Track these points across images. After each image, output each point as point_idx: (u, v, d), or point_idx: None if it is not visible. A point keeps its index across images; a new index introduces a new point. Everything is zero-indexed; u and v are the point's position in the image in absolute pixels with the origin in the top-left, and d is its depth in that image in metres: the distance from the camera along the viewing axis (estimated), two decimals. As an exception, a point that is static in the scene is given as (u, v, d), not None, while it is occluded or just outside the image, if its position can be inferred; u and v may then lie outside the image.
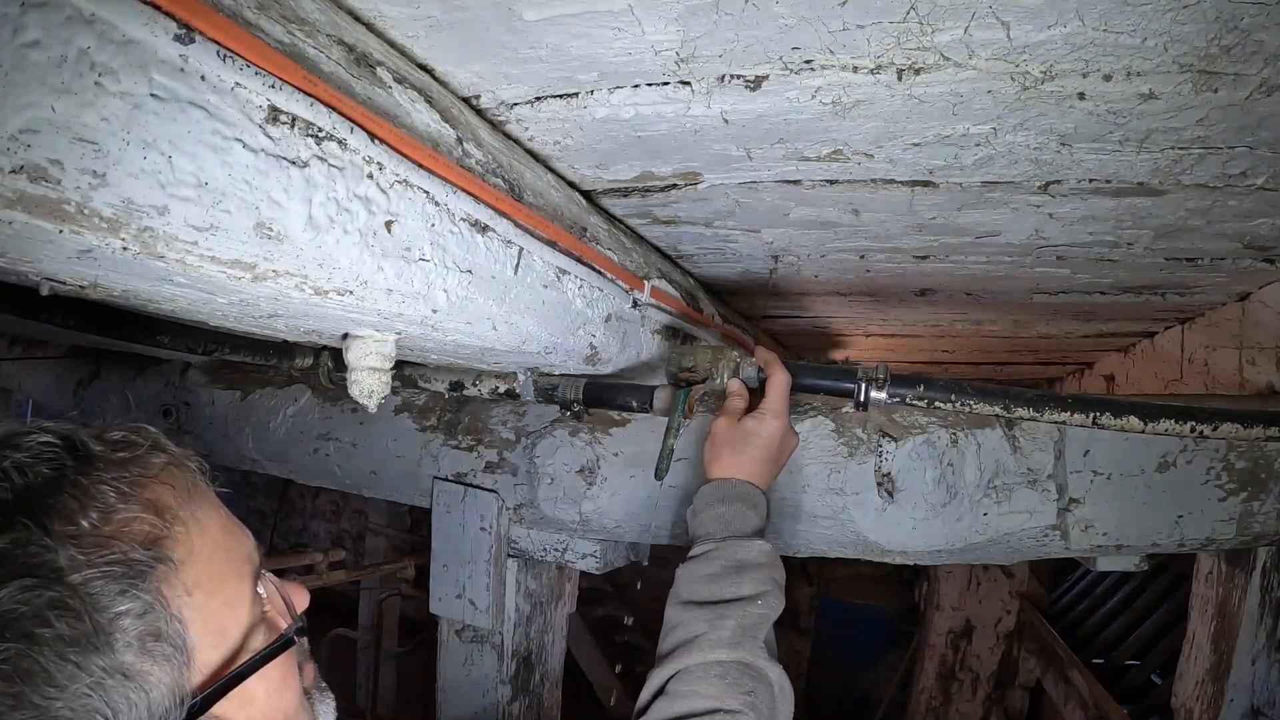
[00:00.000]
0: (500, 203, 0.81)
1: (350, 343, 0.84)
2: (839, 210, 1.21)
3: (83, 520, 0.49)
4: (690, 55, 0.74)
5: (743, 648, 0.85)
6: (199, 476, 0.60)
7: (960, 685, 4.39)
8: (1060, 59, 0.73)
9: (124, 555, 0.50)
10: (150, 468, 0.55)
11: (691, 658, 0.85)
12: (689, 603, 0.91)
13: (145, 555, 0.51)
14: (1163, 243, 1.30)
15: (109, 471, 0.53)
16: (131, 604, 0.49)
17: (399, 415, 1.59)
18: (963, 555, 1.27)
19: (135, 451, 0.56)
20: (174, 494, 0.55)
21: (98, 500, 0.51)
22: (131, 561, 0.50)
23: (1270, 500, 1.21)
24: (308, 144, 0.58)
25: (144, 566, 0.50)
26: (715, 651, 0.85)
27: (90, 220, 0.47)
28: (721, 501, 0.98)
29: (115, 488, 0.52)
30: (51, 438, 0.52)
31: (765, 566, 0.93)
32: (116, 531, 0.50)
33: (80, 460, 0.52)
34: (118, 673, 0.48)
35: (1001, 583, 4.28)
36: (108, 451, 0.54)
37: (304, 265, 0.63)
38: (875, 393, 1.10)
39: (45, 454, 0.51)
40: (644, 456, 1.11)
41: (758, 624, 0.88)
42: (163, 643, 0.50)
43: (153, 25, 0.46)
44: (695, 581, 0.92)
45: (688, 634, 0.88)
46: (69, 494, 0.50)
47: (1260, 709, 1.43)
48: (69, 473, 0.51)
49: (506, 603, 1.50)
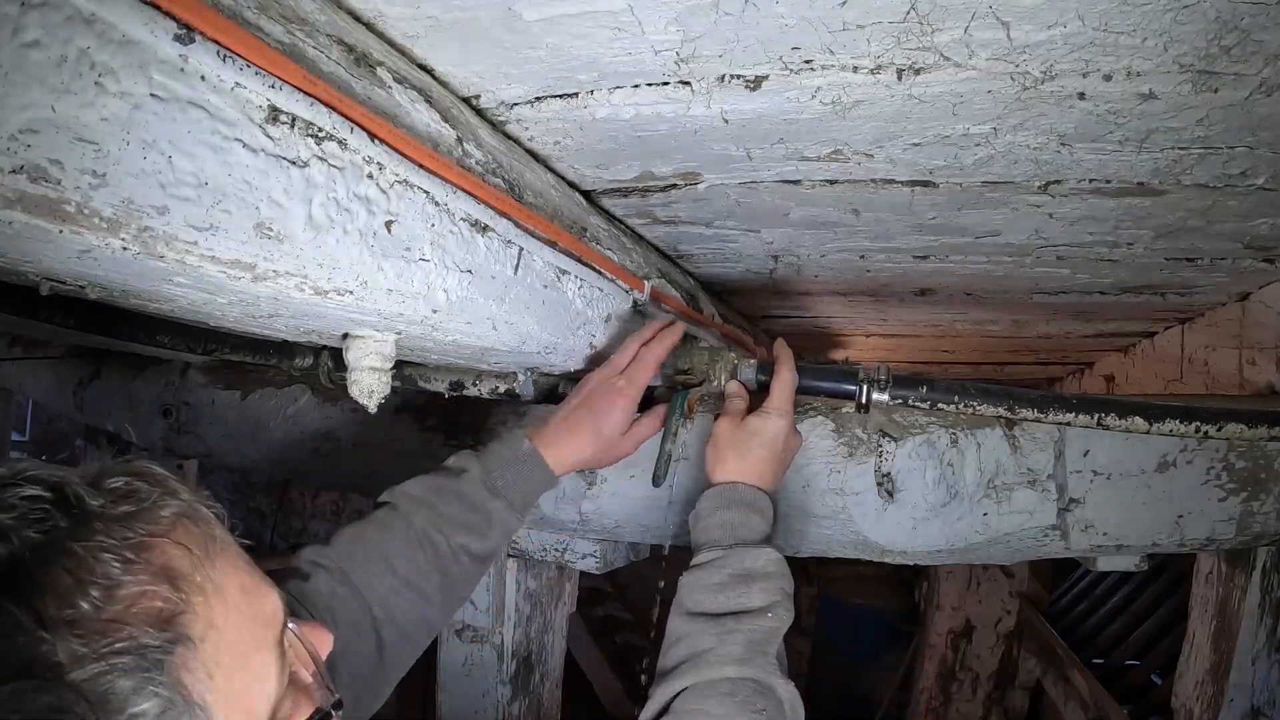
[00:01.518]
0: (500, 203, 0.81)
1: (350, 343, 0.84)
2: (839, 210, 1.21)
3: (82, 601, 0.41)
4: (690, 55, 0.74)
5: (753, 664, 0.81)
6: (216, 524, 0.51)
7: (960, 685, 4.39)
8: (1060, 59, 0.73)
9: (134, 642, 0.41)
10: (159, 523, 0.47)
11: (699, 674, 0.81)
12: (695, 614, 0.87)
13: (159, 638, 0.43)
14: (1163, 243, 1.30)
15: (111, 533, 0.44)
16: (148, 702, 0.41)
17: (399, 415, 1.59)
18: (963, 555, 1.27)
19: (141, 503, 0.47)
20: (189, 556, 0.47)
21: (98, 573, 0.42)
22: (144, 649, 0.42)
23: (1270, 500, 1.21)
24: (308, 144, 0.58)
25: (159, 653, 0.42)
26: (724, 668, 0.81)
27: (90, 220, 0.47)
28: (727, 507, 0.94)
29: (119, 555, 0.43)
30: (39, 489, 0.43)
31: (774, 576, 0.89)
32: (124, 612, 0.42)
33: (75, 520, 0.43)
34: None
35: (1001, 583, 4.28)
36: (108, 505, 0.45)
37: (304, 265, 0.63)
38: (877, 394, 1.08)
39: (32, 513, 0.42)
40: (644, 457, 1.11)
41: (768, 638, 0.84)
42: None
43: (153, 25, 0.46)
44: (701, 592, 0.88)
45: (694, 648, 0.84)
46: (63, 567, 0.41)
47: (1260, 709, 1.43)
48: (62, 537, 0.42)
49: (506, 603, 1.50)
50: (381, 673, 0.85)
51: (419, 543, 0.91)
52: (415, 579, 0.89)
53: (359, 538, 0.89)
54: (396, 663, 0.87)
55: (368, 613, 0.84)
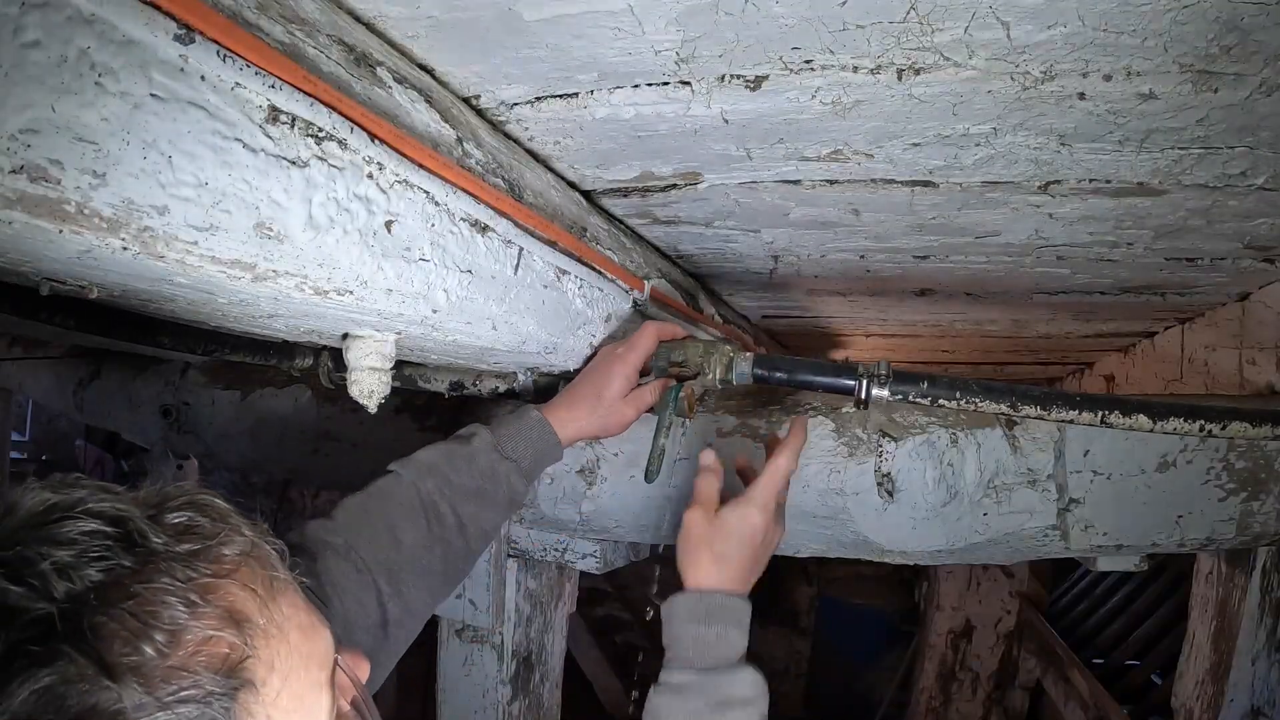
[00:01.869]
0: (500, 203, 0.81)
1: (350, 343, 0.84)
2: (839, 210, 1.21)
3: (146, 646, 0.39)
4: (690, 55, 0.75)
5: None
6: (278, 562, 0.50)
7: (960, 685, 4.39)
8: (1060, 59, 0.73)
9: (200, 690, 0.40)
10: (224, 562, 0.45)
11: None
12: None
13: (224, 685, 0.42)
14: (1163, 243, 1.30)
15: (175, 573, 0.43)
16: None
17: (399, 415, 1.59)
18: (963, 555, 1.27)
19: (205, 541, 0.46)
20: (254, 598, 0.45)
21: (164, 617, 0.41)
22: (210, 696, 0.41)
23: (1270, 500, 1.21)
24: (308, 144, 0.58)
25: (225, 700, 0.41)
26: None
27: (90, 220, 0.47)
28: (702, 621, 0.85)
29: (184, 597, 0.42)
30: (100, 524, 0.42)
31: (754, 701, 0.83)
32: (188, 658, 0.41)
33: (138, 558, 0.42)
34: None
35: (1001, 583, 4.28)
36: (171, 543, 0.44)
37: (304, 265, 0.63)
38: (877, 390, 1.04)
39: (93, 550, 0.41)
40: (644, 456, 1.11)
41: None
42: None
43: (153, 25, 0.46)
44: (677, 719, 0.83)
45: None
46: (127, 610, 0.40)
47: (1260, 709, 1.43)
48: (125, 578, 0.41)
49: (506, 603, 1.50)
50: (386, 645, 0.85)
51: (424, 515, 0.91)
52: (419, 553, 0.89)
53: (364, 510, 0.89)
54: (400, 636, 0.87)
55: (373, 587, 0.84)
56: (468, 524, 0.94)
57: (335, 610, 0.80)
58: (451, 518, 0.93)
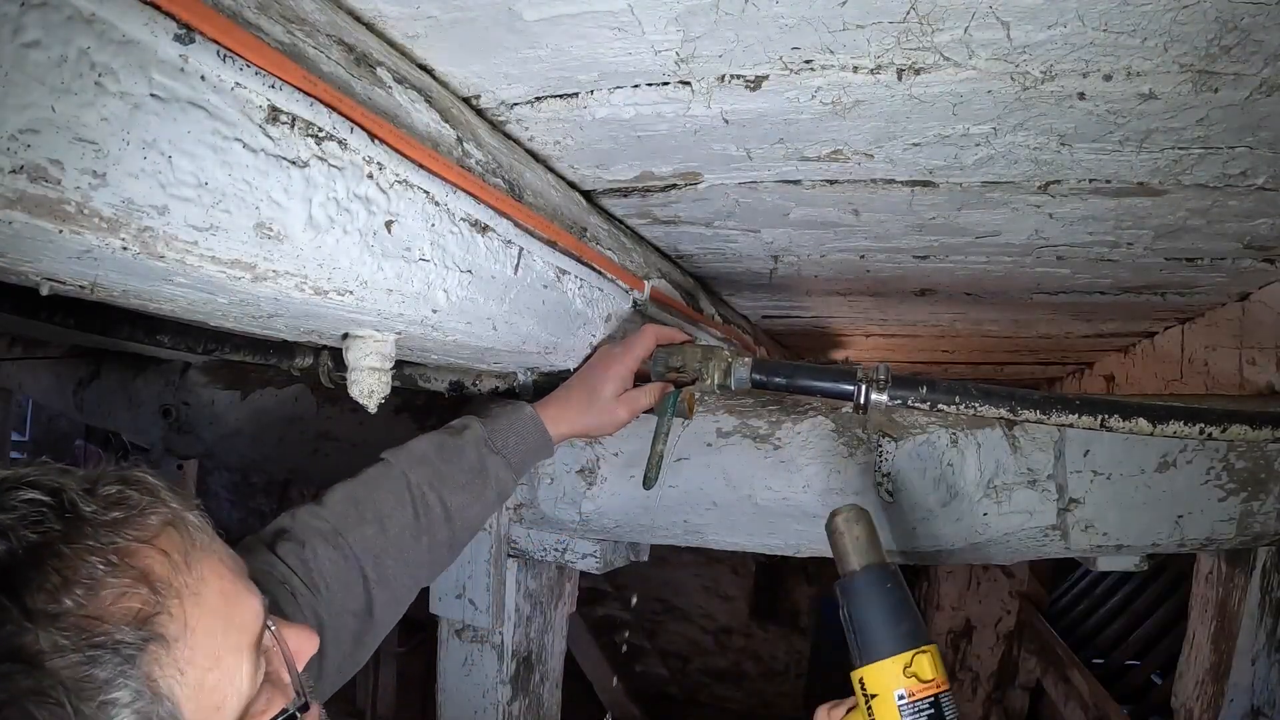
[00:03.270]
0: (500, 203, 0.81)
1: (350, 343, 0.84)
2: (839, 210, 1.21)
3: (66, 598, 0.45)
4: (690, 55, 0.75)
5: None
6: (201, 533, 0.55)
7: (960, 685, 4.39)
8: (1060, 59, 0.73)
9: (110, 638, 0.46)
10: (146, 529, 0.51)
11: None
12: None
13: (134, 636, 0.47)
14: (1163, 243, 1.30)
15: (99, 537, 0.48)
16: (119, 692, 0.45)
17: (399, 415, 1.59)
18: (963, 555, 1.27)
19: (130, 510, 0.51)
20: (169, 562, 0.51)
21: (83, 574, 0.46)
22: (119, 645, 0.46)
23: (1270, 500, 1.21)
24: (308, 144, 0.58)
25: (132, 649, 0.47)
26: None
27: (90, 220, 0.47)
28: None
29: (104, 558, 0.48)
30: (39, 494, 0.48)
31: None
32: (103, 610, 0.46)
33: (68, 523, 0.48)
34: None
35: (1001, 583, 4.28)
36: (100, 511, 0.49)
37: (304, 265, 0.63)
38: (876, 395, 1.04)
39: (31, 515, 0.47)
40: (644, 456, 1.11)
41: None
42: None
43: (153, 25, 0.46)
44: None
45: None
46: (52, 566, 0.46)
47: (1260, 709, 1.43)
48: (55, 540, 0.47)
49: (506, 603, 1.50)
50: (371, 628, 0.90)
51: (412, 504, 0.94)
52: (405, 541, 0.93)
53: (353, 497, 0.93)
54: (384, 619, 0.92)
55: (359, 572, 0.89)
56: (455, 515, 0.97)
57: (322, 593, 0.84)
58: (439, 508, 0.96)
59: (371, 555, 0.90)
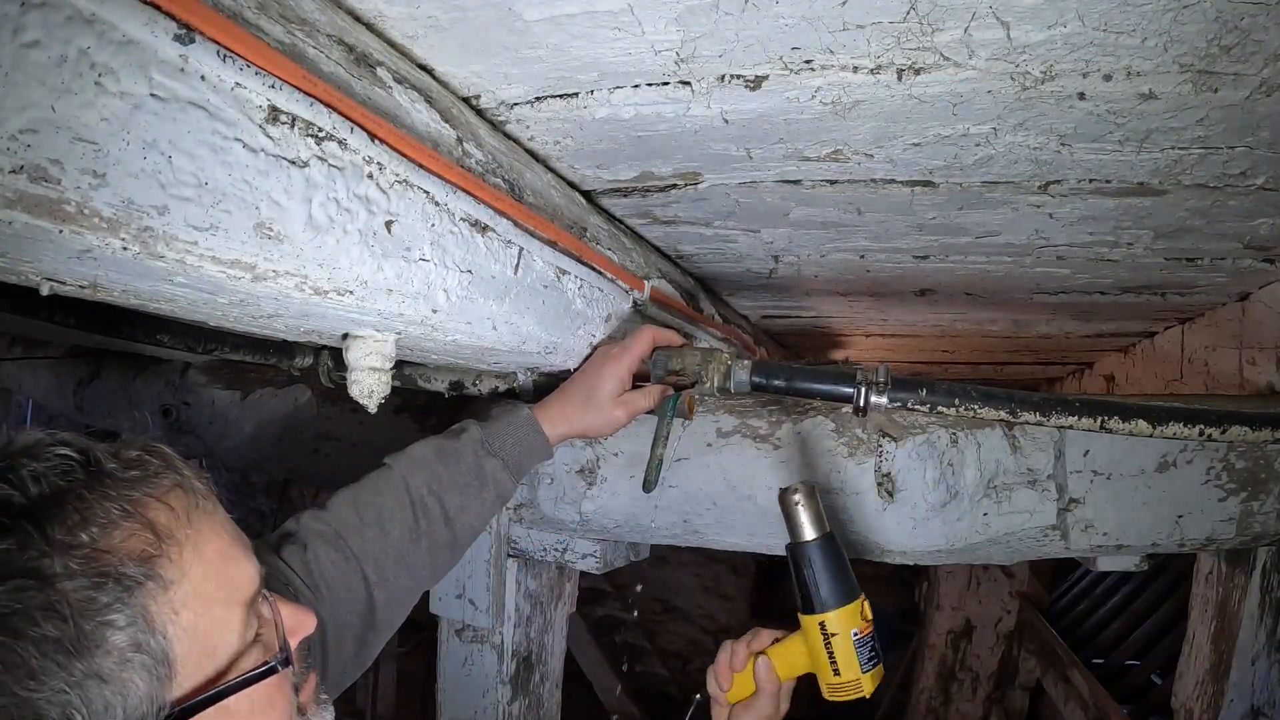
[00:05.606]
0: (500, 203, 0.81)
1: (350, 343, 0.84)
2: (839, 210, 1.21)
3: (82, 533, 0.52)
4: (690, 55, 0.75)
5: None
6: (207, 500, 0.61)
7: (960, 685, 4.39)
8: (1060, 59, 0.73)
9: (115, 570, 0.52)
10: (157, 488, 0.58)
11: None
12: None
13: (136, 571, 0.53)
14: (1163, 243, 1.30)
15: (116, 489, 0.55)
16: (116, 615, 0.51)
17: (399, 415, 1.59)
18: (963, 555, 1.27)
19: (146, 471, 0.58)
20: (174, 516, 0.57)
21: (99, 516, 0.53)
22: (122, 576, 0.52)
23: (1270, 500, 1.21)
24: (308, 144, 0.58)
25: (133, 582, 0.53)
26: None
27: (90, 220, 0.47)
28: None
29: (119, 505, 0.54)
30: (70, 450, 0.55)
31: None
32: (112, 546, 0.53)
33: (92, 475, 0.55)
34: (96, 676, 0.50)
35: (1001, 583, 4.28)
36: (120, 469, 0.57)
37: (304, 265, 0.63)
38: (875, 397, 1.04)
39: (61, 466, 0.54)
40: (644, 456, 1.11)
41: None
42: (144, 654, 0.53)
43: (153, 25, 0.46)
44: None
45: None
46: (74, 507, 0.53)
47: (1260, 709, 1.43)
48: (79, 486, 0.54)
49: (506, 603, 1.50)
50: (373, 632, 0.93)
51: (412, 508, 0.96)
52: (405, 544, 0.96)
53: (355, 501, 0.95)
54: (386, 621, 0.95)
55: (360, 575, 0.91)
56: (454, 517, 0.99)
57: (324, 594, 0.86)
58: (438, 511, 0.98)
59: (372, 557, 0.92)
